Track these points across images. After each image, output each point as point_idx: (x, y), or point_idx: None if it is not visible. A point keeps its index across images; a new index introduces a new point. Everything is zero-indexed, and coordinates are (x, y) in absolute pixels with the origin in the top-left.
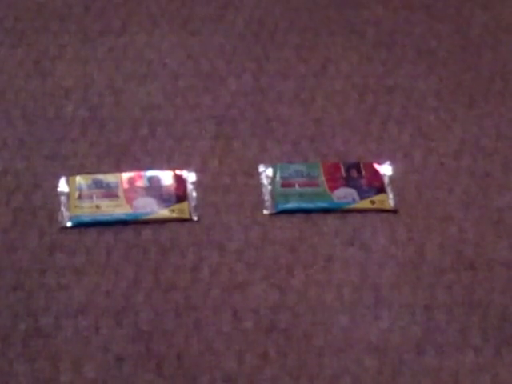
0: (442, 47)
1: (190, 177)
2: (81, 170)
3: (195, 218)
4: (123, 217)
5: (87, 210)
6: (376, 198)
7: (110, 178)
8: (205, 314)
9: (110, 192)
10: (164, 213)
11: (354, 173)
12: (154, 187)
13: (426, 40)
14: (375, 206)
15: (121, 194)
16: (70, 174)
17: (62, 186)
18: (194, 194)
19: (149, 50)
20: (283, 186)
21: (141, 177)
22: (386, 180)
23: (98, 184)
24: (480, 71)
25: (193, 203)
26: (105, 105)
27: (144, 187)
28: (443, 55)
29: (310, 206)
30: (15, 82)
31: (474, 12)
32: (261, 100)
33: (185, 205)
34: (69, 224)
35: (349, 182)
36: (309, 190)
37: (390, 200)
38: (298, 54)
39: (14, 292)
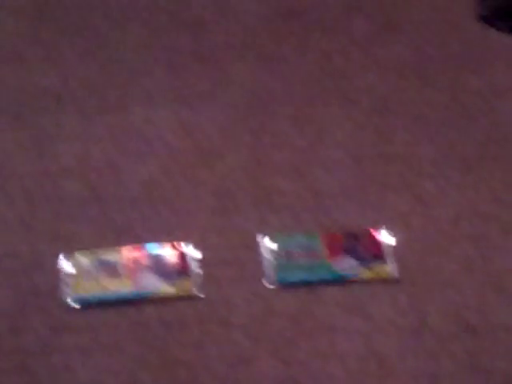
0: (436, 113)
1: (192, 252)
2: (83, 249)
3: (198, 294)
4: (127, 295)
5: (91, 290)
6: (376, 266)
7: (111, 255)
8: None
9: (112, 270)
10: (167, 289)
11: (353, 242)
12: (156, 263)
13: (419, 106)
14: (375, 275)
15: (123, 271)
16: (72, 252)
17: (65, 265)
18: (197, 269)
19: (146, 126)
20: (284, 258)
21: (142, 253)
22: (386, 248)
23: (100, 262)
24: (474, 136)
25: (195, 279)
26: (104, 182)
27: (146, 264)
28: (437, 121)
29: (312, 277)
30: (15, 162)
31: (467, 78)
32: (258, 172)
33: (187, 280)
34: (73, 304)
35: (349, 252)
36: (309, 261)
37: (390, 268)
38: (293, 125)
39: (19, 375)
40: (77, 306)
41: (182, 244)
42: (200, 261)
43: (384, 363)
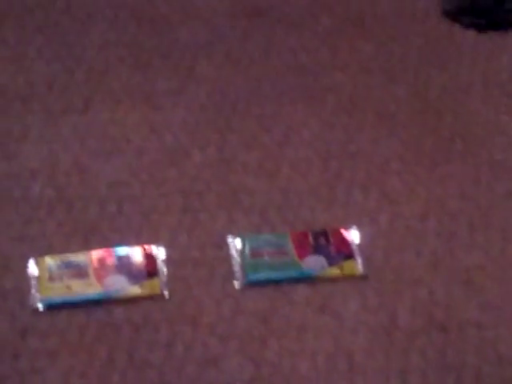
0: (402, 110)
1: (160, 252)
2: (50, 251)
3: (166, 294)
4: (94, 296)
5: (58, 292)
6: (345, 264)
7: (79, 257)
8: None
9: (79, 272)
10: (135, 290)
11: (322, 240)
12: (123, 264)
13: (385, 104)
14: (344, 273)
15: (91, 272)
16: (39, 254)
17: (32, 267)
18: (164, 269)
19: (112, 127)
20: (252, 256)
21: (110, 254)
22: (354, 246)
23: (67, 264)
24: (441, 133)
25: (163, 279)
26: (71, 183)
27: (114, 265)
28: (403, 118)
29: (280, 276)
30: None
31: (431, 74)
32: (226, 171)
33: (155, 281)
34: (40, 306)
35: (317, 250)
36: (278, 259)
37: (358, 266)
38: (260, 124)
39: None
40: (43, 309)
41: (150, 245)
42: (168, 261)
43: (353, 361)
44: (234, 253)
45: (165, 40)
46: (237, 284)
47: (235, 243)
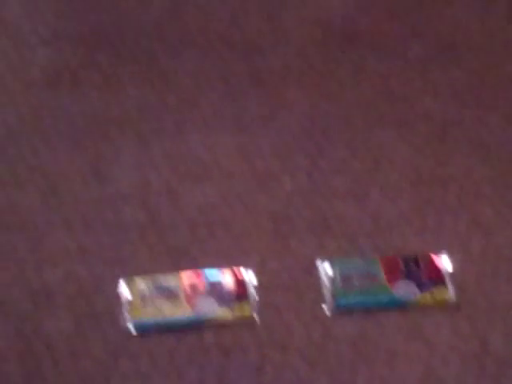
0: (495, 138)
1: (250, 276)
2: (141, 273)
3: (256, 318)
4: (185, 320)
5: (150, 314)
6: (436, 290)
7: (170, 280)
8: None
9: (170, 294)
10: (225, 314)
11: (412, 266)
12: (214, 288)
13: (477, 131)
14: (436, 300)
15: (181, 295)
16: (131, 277)
17: (124, 290)
18: (255, 294)
19: (203, 151)
20: (342, 282)
21: (201, 277)
22: (446, 272)
23: (158, 287)
24: None
25: (253, 303)
26: (162, 207)
27: (204, 288)
28: (496, 146)
29: (371, 301)
30: (74, 188)
31: None
32: (315, 197)
33: (245, 304)
34: (132, 329)
35: (408, 276)
36: (368, 285)
37: (450, 292)
38: (350, 150)
39: None
40: (135, 331)
41: (240, 268)
42: (258, 285)
43: None
44: (323, 278)
45: (255, 66)
46: (327, 309)
47: (325, 268)
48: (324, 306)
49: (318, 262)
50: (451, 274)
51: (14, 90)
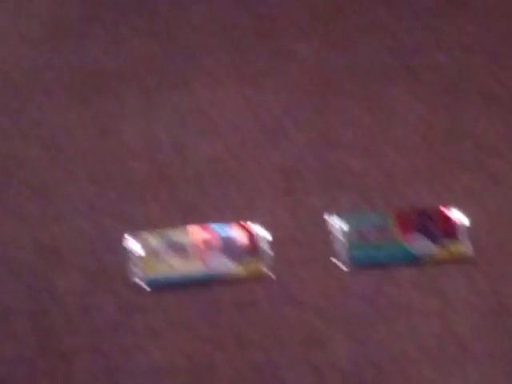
0: (507, 92)
1: (261, 232)
2: (151, 229)
3: (270, 274)
4: (198, 276)
5: (161, 270)
6: (451, 246)
7: (180, 235)
8: (286, 371)
9: (182, 250)
10: (237, 270)
11: (427, 221)
12: (225, 243)
13: (489, 85)
14: (451, 255)
15: (193, 251)
16: (141, 233)
17: (134, 246)
18: (267, 249)
19: (209, 105)
20: (356, 237)
21: (212, 233)
22: (460, 228)
23: (169, 242)
24: None
25: (266, 258)
26: (171, 162)
27: (216, 243)
28: (508, 100)
29: (385, 257)
30: (79, 142)
31: None
32: (325, 150)
33: (257, 261)
34: (144, 285)
35: (423, 232)
36: (383, 240)
37: (465, 248)
38: (361, 104)
39: (91, 354)
40: (147, 288)
41: (251, 224)
42: (270, 241)
43: (462, 344)
44: (337, 232)
45: (262, 19)
46: (341, 264)
47: (338, 223)
48: (337, 261)
49: (331, 217)
50: (466, 229)
51: (16, 44)
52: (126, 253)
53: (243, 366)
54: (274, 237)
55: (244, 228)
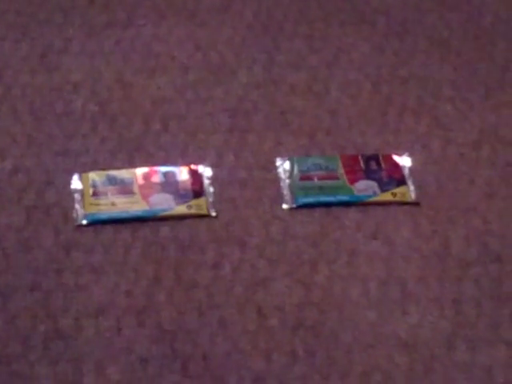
0: (455, 36)
1: (206, 172)
2: (93, 166)
3: (213, 214)
4: (140, 214)
5: (103, 208)
6: (397, 190)
7: (124, 174)
8: (229, 311)
9: (125, 188)
10: (181, 209)
11: (373, 165)
12: (169, 183)
13: (437, 29)
14: (397, 199)
15: (136, 190)
16: (83, 170)
17: (75, 183)
18: (211, 189)
19: (156, 43)
20: (302, 179)
21: (156, 172)
22: (406, 172)
23: (112, 180)
24: (494, 59)
25: (210, 199)
26: (114, 99)
27: (160, 183)
28: (456, 44)
29: (331, 199)
30: (21, 77)
31: (484, 0)
32: (273, 92)
33: (202, 200)
34: (84, 222)
35: (368, 175)
36: (328, 183)
37: (411, 192)
38: (308, 45)
39: (31, 293)
40: (88, 224)
41: (197, 164)
42: (215, 181)
43: (405, 288)
44: (282, 175)
45: None
46: (286, 206)
47: (284, 165)
48: (283, 202)
49: (277, 159)
50: (412, 174)
51: None
52: (66, 189)
53: (185, 305)
54: (219, 177)
55: (190, 168)
